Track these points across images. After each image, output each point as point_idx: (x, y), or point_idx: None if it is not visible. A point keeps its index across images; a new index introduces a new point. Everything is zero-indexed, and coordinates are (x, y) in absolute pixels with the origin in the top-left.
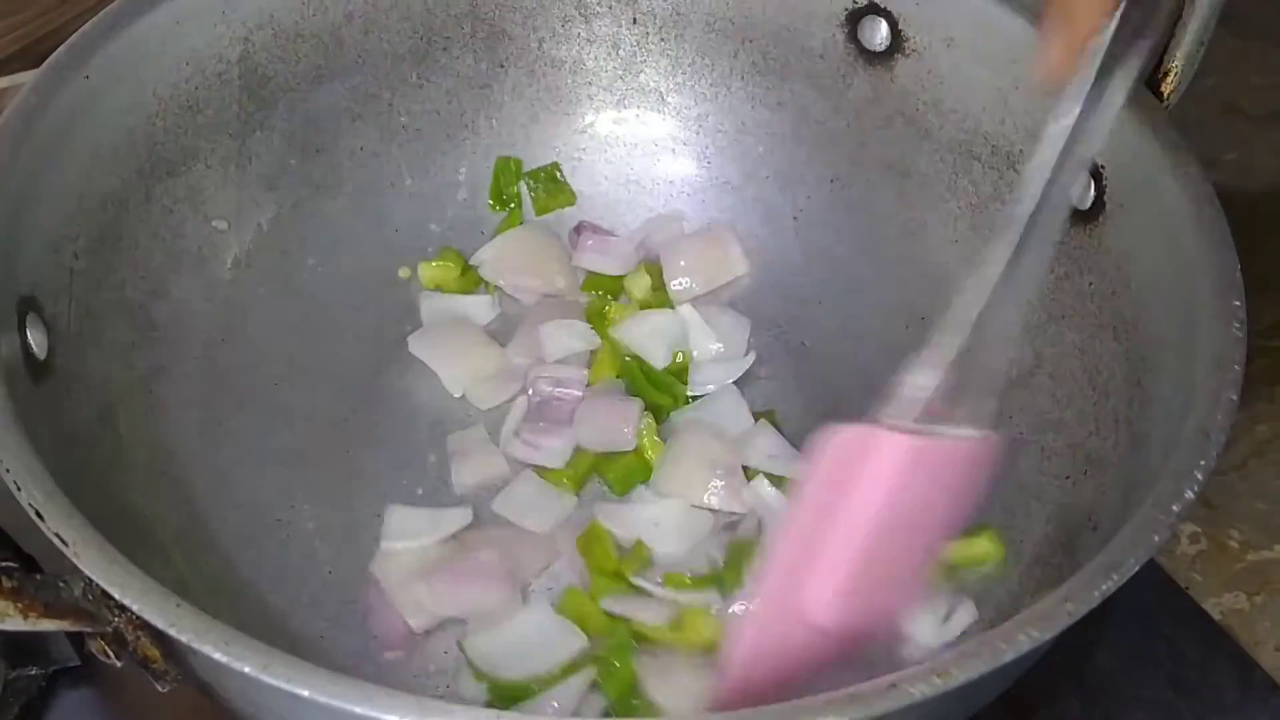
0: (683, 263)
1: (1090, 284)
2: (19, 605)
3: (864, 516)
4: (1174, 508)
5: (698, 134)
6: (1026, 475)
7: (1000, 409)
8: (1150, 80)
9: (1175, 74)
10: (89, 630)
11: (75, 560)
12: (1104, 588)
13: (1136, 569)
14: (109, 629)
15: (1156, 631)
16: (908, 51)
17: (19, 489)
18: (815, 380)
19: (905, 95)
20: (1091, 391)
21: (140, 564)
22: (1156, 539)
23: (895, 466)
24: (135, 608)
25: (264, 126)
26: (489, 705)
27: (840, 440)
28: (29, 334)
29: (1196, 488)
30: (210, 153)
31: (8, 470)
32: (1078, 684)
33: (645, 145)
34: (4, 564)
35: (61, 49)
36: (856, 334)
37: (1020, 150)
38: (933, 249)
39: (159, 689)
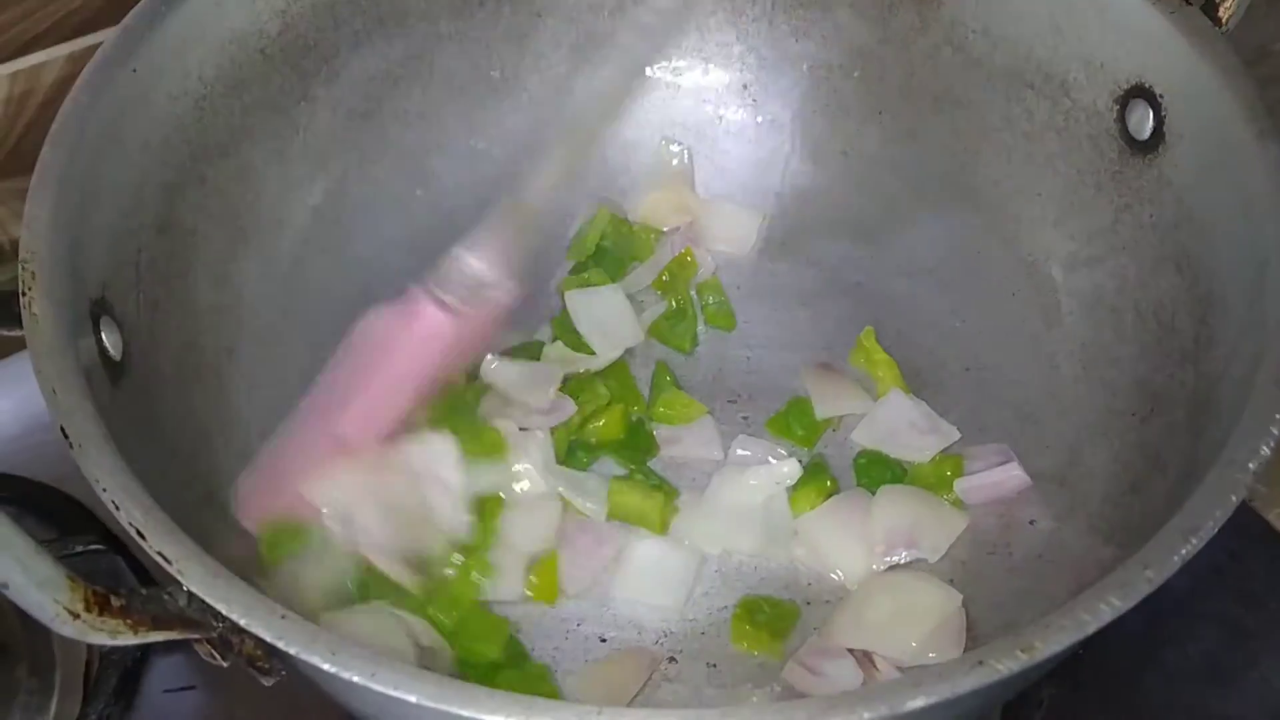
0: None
1: (1150, 216)
2: (128, 622)
3: (395, 374)
4: (1250, 465)
5: (741, 71)
6: (1091, 412)
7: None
8: (1207, 6)
9: None
10: (196, 637)
11: (179, 578)
12: (1183, 552)
13: (1215, 531)
14: (214, 634)
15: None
16: None
17: (117, 508)
18: (871, 320)
19: (954, 23)
20: (1156, 326)
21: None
22: (1234, 498)
23: (430, 339)
24: (242, 622)
25: (308, 98)
26: None
27: (375, 323)
28: (104, 336)
29: (1272, 443)
30: (258, 129)
31: (104, 490)
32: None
33: (689, 86)
34: (87, 547)
35: (106, 44)
36: (911, 271)
37: (1074, 76)
38: (987, 181)
39: (264, 684)
